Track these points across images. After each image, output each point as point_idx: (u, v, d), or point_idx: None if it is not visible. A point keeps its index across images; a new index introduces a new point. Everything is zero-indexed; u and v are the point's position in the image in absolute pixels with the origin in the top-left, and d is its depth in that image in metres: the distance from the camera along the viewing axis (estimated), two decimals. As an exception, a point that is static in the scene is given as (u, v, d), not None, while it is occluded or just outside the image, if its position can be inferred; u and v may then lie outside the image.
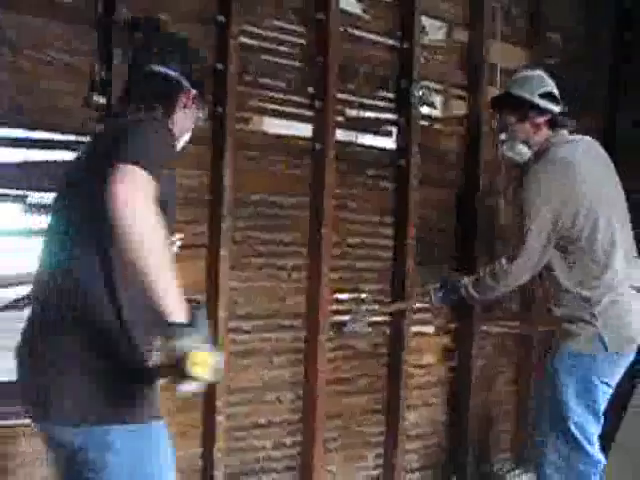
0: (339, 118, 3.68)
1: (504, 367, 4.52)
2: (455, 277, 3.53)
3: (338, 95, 3.64)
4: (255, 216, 3.44)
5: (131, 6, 2.95)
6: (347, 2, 3.71)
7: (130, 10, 2.94)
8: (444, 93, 4.20)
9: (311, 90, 3.59)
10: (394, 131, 3.95)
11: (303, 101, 3.59)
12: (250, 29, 3.37)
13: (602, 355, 3.18)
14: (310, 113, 3.60)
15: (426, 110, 4.07)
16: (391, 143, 3.97)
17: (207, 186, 3.28)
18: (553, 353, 3.28)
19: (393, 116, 3.94)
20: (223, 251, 3.28)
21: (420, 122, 3.98)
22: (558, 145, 3.29)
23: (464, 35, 4.23)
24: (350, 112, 3.77)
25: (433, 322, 4.17)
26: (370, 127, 3.89)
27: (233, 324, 3.39)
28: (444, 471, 4.27)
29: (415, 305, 3.96)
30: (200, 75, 2.37)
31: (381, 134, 3.95)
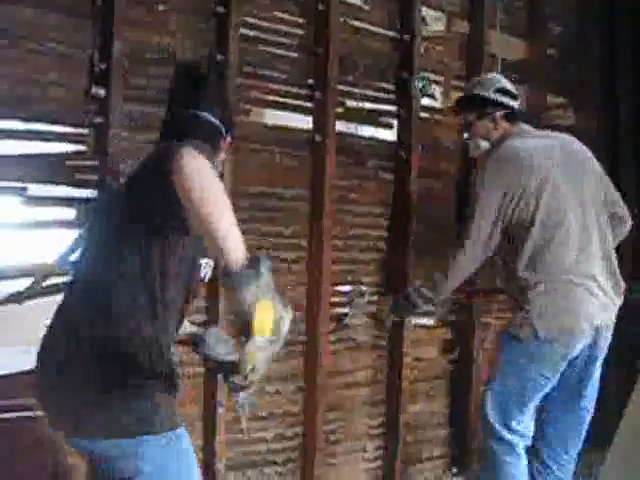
0: (339, 110, 3.67)
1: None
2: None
3: (338, 86, 3.63)
4: (255, 208, 3.42)
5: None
6: (347, -7, 3.71)
7: (129, 2, 2.93)
8: (444, 84, 4.19)
9: (311, 81, 3.58)
10: (394, 123, 3.95)
11: (303, 92, 3.58)
12: (250, 20, 3.35)
13: (535, 342, 3.16)
14: (310, 105, 3.59)
15: (426, 101, 4.07)
16: (391, 135, 3.97)
17: (207, 178, 3.27)
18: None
19: (393, 107, 3.93)
20: (223, 243, 3.26)
21: (420, 113, 3.98)
22: (512, 138, 3.35)
23: (464, 26, 4.23)
24: (350, 103, 3.76)
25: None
26: (370, 119, 3.89)
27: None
28: (445, 463, 4.28)
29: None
30: (233, 122, 2.49)
31: (381, 126, 3.95)
